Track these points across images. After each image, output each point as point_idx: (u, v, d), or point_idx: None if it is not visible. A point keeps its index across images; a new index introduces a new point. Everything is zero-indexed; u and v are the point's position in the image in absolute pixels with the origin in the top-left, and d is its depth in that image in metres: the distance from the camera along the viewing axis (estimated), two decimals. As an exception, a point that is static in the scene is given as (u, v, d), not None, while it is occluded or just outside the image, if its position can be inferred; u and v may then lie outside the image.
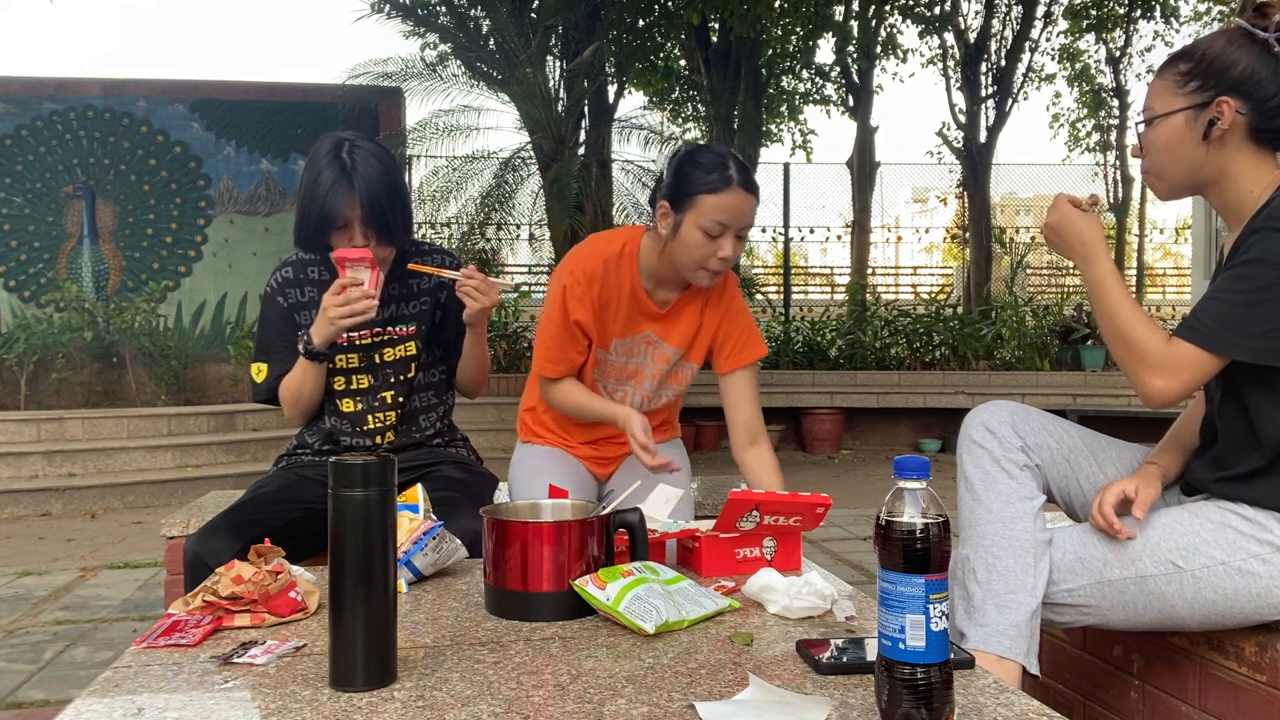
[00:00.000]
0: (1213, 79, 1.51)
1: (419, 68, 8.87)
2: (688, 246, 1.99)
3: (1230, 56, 1.51)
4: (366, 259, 1.94)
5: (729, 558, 1.60)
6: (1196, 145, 1.54)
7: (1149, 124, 1.59)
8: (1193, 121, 1.53)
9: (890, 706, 0.98)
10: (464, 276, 2.02)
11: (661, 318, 2.16)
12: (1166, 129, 1.56)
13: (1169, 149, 1.56)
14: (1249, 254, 1.45)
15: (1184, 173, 1.58)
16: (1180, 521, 1.53)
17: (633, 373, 2.20)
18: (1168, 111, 1.55)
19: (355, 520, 1.12)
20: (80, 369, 8.09)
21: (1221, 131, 1.51)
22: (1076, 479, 1.72)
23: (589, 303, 2.09)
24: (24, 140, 8.62)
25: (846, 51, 11.49)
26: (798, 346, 9.64)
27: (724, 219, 1.96)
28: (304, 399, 2.13)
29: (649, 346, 2.18)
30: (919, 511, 0.99)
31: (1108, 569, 1.55)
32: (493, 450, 6.18)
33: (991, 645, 1.53)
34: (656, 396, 2.24)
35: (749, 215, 2.00)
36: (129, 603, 3.63)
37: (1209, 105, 1.51)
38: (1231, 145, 1.53)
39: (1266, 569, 1.47)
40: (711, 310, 2.18)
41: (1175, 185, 1.61)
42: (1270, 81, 1.49)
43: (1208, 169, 1.55)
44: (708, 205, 1.96)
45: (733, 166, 1.99)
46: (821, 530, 4.56)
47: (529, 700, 1.06)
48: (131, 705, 1.06)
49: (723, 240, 1.98)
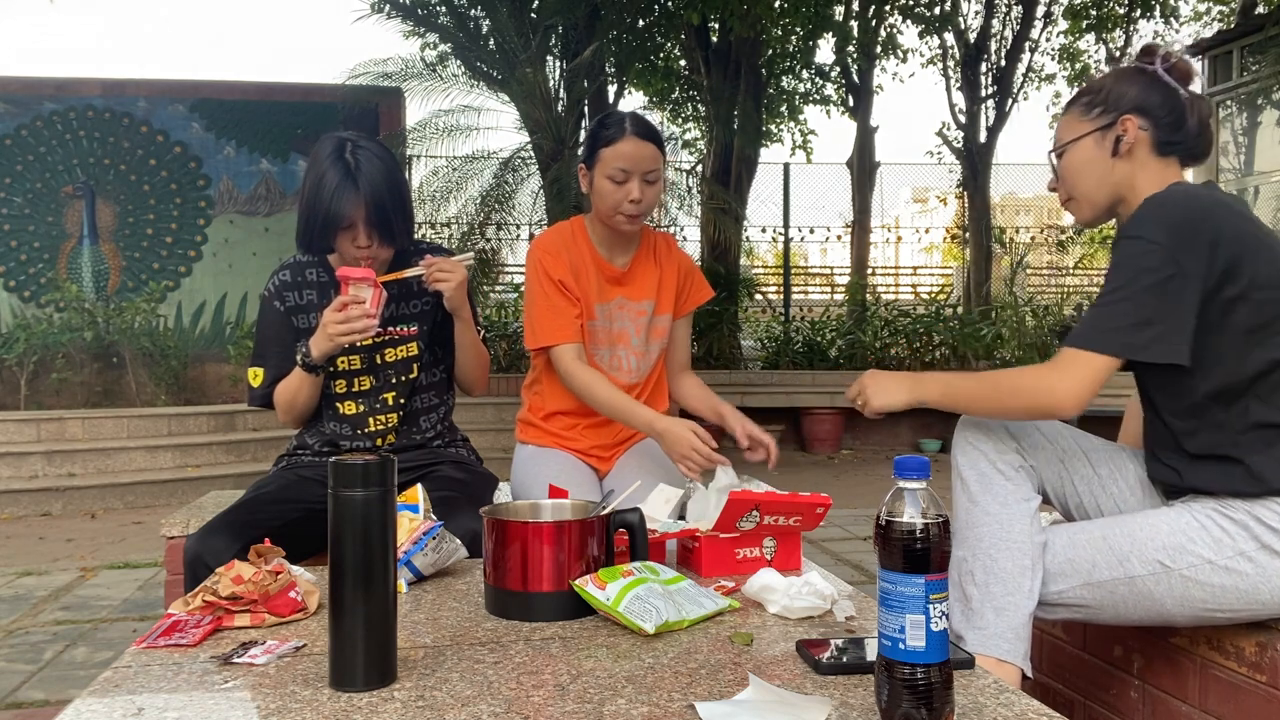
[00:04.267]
0: (1113, 103, 1.67)
1: (419, 68, 8.86)
2: (601, 196, 2.19)
3: (1126, 84, 1.67)
4: (369, 278, 1.95)
5: (729, 558, 1.60)
6: (1107, 161, 1.67)
7: (1061, 154, 1.73)
8: (1101, 141, 1.67)
9: (890, 706, 0.98)
10: (425, 266, 2.06)
11: (624, 279, 2.31)
12: (1079, 152, 1.70)
13: (1083, 169, 1.70)
14: (1111, 262, 1.56)
15: (1099, 190, 1.69)
16: (1166, 521, 1.54)
17: (618, 336, 2.31)
18: (1077, 136, 1.70)
19: (355, 520, 1.12)
20: (80, 369, 8.08)
21: (1129, 146, 1.65)
22: (1071, 479, 1.73)
23: (564, 264, 2.24)
24: (24, 140, 8.62)
25: (846, 51, 11.48)
26: (798, 346, 9.64)
27: (623, 164, 2.14)
28: (299, 406, 2.13)
29: (623, 310, 2.31)
30: (919, 511, 0.99)
31: (1096, 570, 1.56)
32: (493, 450, 6.18)
33: (990, 648, 1.54)
34: (647, 353, 2.34)
35: (648, 160, 2.16)
36: (129, 603, 3.63)
37: (1113, 125, 1.66)
38: (1139, 158, 1.66)
39: (1253, 566, 1.48)
40: (665, 264, 2.36)
41: (1094, 204, 1.72)
42: (1163, 103, 1.65)
43: (1120, 182, 1.67)
44: (608, 155, 2.16)
45: (628, 120, 2.19)
46: (821, 530, 4.56)
47: (529, 700, 1.06)
48: (131, 705, 1.06)
49: (629, 185, 2.15)
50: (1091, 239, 13.07)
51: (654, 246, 2.36)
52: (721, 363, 9.16)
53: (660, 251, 2.36)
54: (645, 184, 2.17)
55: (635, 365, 2.31)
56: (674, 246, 2.41)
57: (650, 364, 2.35)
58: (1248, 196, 9.54)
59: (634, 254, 2.33)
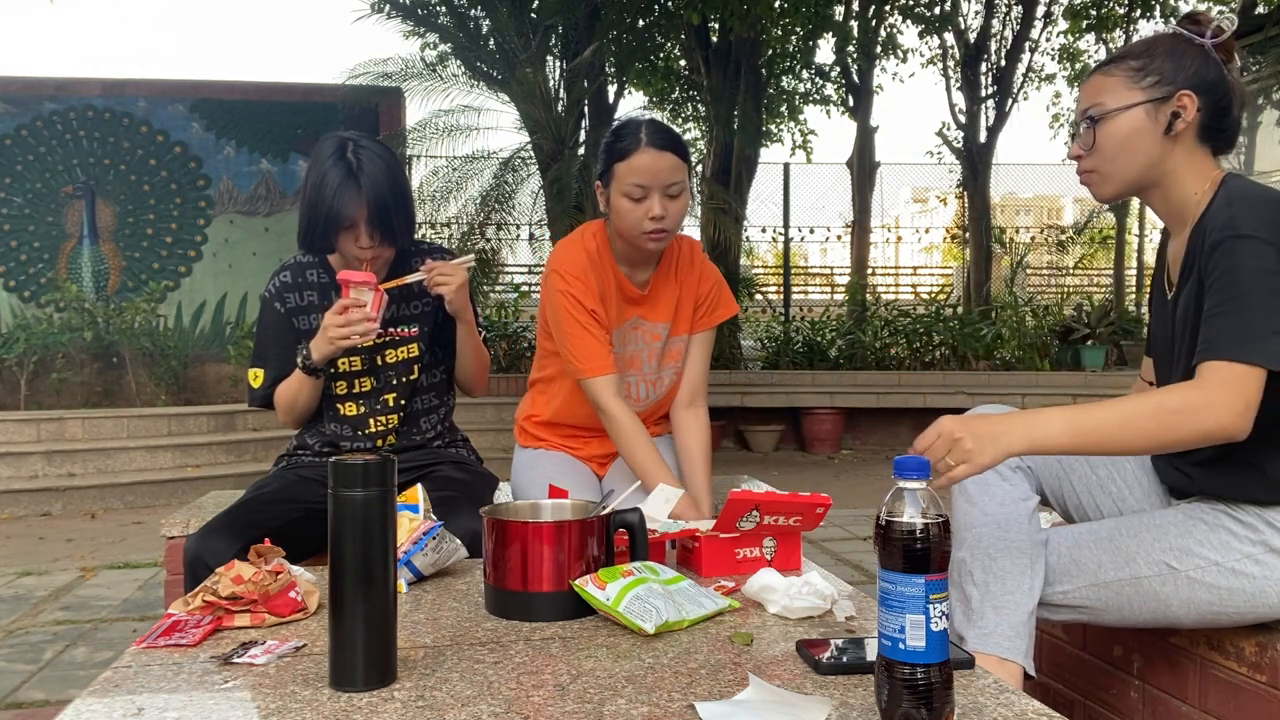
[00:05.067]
0: (1169, 74, 1.50)
1: (419, 68, 8.85)
2: (620, 215, 2.03)
3: (1181, 55, 1.50)
4: (370, 282, 1.96)
5: (729, 558, 1.60)
6: (1157, 140, 1.51)
7: (1099, 120, 1.54)
8: (1154, 115, 1.50)
9: (890, 707, 0.98)
10: (426, 271, 2.04)
11: (643, 299, 2.18)
12: (1126, 122, 1.51)
13: (1127, 143, 1.52)
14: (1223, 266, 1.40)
15: (1138, 169, 1.54)
16: (1174, 522, 1.53)
17: (630, 360, 2.20)
18: (1127, 105, 1.51)
19: (355, 520, 1.12)
20: (80, 369, 8.08)
21: (1185, 125, 1.49)
22: (1069, 479, 1.73)
23: (593, 290, 2.10)
24: (24, 140, 8.61)
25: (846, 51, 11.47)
26: (798, 346, 9.63)
27: (640, 180, 1.98)
28: (299, 407, 2.14)
29: (637, 331, 2.19)
30: (919, 511, 0.99)
31: (1102, 571, 1.55)
32: (493, 450, 6.18)
33: (990, 647, 1.53)
34: (659, 379, 2.22)
35: (668, 172, 1.99)
36: (129, 603, 3.63)
37: (1169, 99, 1.49)
38: (1185, 143, 1.52)
39: (1260, 569, 1.47)
40: (685, 279, 2.20)
41: (1124, 183, 1.56)
42: (1218, 83, 1.50)
43: (1163, 165, 1.53)
44: (622, 171, 2.00)
45: (644, 130, 2.00)
46: (821, 530, 4.56)
47: (529, 700, 1.06)
48: (131, 705, 1.06)
49: (649, 201, 1.99)
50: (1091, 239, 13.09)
51: (675, 259, 2.19)
52: (721, 363, 9.16)
53: (682, 264, 2.20)
54: (668, 199, 1.99)
55: (645, 394, 2.21)
56: (699, 256, 2.23)
57: (662, 392, 2.23)
58: (1248, 196, 9.54)
59: (655, 269, 2.18)
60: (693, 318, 2.22)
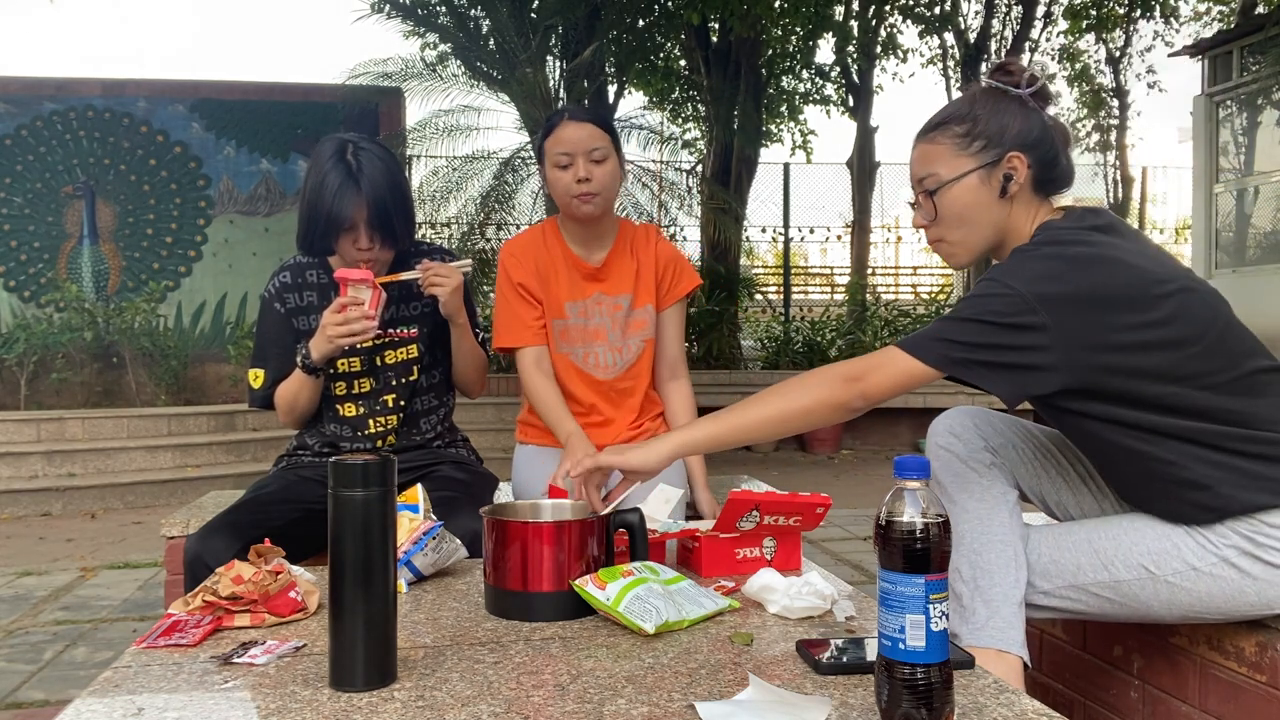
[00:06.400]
0: (995, 135, 1.52)
1: (419, 68, 8.85)
2: (553, 185, 2.20)
3: (1004, 114, 1.52)
4: (368, 280, 1.95)
5: (729, 558, 1.60)
6: (995, 203, 1.54)
7: (935, 192, 1.55)
8: (987, 180, 1.53)
9: (890, 706, 0.98)
10: (422, 271, 2.05)
11: (600, 274, 2.30)
12: (962, 192, 1.54)
13: (968, 212, 1.55)
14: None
15: (985, 237, 1.57)
16: (1150, 526, 1.54)
17: (594, 332, 2.29)
18: (960, 174, 1.53)
19: (355, 520, 1.12)
20: (80, 369, 8.09)
21: (1018, 186, 1.52)
22: (1047, 475, 1.74)
23: (529, 267, 2.25)
24: (24, 140, 8.62)
25: (846, 51, 11.49)
26: (798, 346, 9.64)
27: (564, 149, 2.15)
28: (299, 408, 2.13)
29: (600, 305, 2.30)
30: (919, 511, 0.99)
31: (1081, 573, 1.57)
32: (493, 450, 6.18)
33: (985, 640, 1.54)
34: (625, 346, 2.30)
35: (588, 139, 2.15)
36: (129, 603, 3.63)
37: (1000, 162, 1.52)
38: (1022, 200, 1.55)
39: (1236, 572, 1.48)
40: (641, 254, 2.33)
41: (977, 251, 1.59)
42: (1042, 136, 1.52)
43: (1005, 226, 1.55)
44: (549, 145, 2.19)
45: (567, 110, 2.22)
46: (821, 530, 4.56)
47: (529, 700, 1.07)
48: (131, 705, 1.06)
49: (574, 167, 2.15)
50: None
51: (631, 239, 2.33)
52: (721, 363, 9.17)
53: (638, 243, 2.33)
54: (592, 164, 2.15)
55: (612, 361, 2.29)
56: (655, 237, 2.37)
57: (630, 359, 2.30)
58: (1247, 196, 9.55)
59: (610, 249, 2.30)
60: (657, 292, 2.33)
